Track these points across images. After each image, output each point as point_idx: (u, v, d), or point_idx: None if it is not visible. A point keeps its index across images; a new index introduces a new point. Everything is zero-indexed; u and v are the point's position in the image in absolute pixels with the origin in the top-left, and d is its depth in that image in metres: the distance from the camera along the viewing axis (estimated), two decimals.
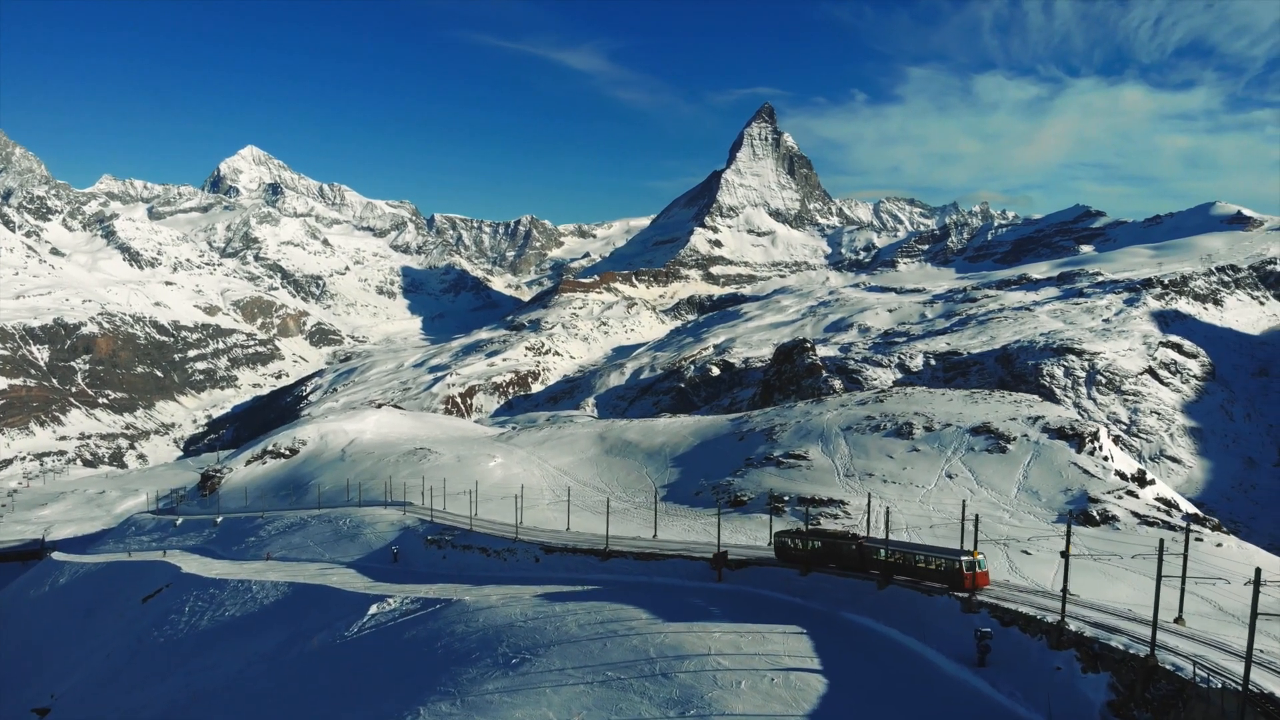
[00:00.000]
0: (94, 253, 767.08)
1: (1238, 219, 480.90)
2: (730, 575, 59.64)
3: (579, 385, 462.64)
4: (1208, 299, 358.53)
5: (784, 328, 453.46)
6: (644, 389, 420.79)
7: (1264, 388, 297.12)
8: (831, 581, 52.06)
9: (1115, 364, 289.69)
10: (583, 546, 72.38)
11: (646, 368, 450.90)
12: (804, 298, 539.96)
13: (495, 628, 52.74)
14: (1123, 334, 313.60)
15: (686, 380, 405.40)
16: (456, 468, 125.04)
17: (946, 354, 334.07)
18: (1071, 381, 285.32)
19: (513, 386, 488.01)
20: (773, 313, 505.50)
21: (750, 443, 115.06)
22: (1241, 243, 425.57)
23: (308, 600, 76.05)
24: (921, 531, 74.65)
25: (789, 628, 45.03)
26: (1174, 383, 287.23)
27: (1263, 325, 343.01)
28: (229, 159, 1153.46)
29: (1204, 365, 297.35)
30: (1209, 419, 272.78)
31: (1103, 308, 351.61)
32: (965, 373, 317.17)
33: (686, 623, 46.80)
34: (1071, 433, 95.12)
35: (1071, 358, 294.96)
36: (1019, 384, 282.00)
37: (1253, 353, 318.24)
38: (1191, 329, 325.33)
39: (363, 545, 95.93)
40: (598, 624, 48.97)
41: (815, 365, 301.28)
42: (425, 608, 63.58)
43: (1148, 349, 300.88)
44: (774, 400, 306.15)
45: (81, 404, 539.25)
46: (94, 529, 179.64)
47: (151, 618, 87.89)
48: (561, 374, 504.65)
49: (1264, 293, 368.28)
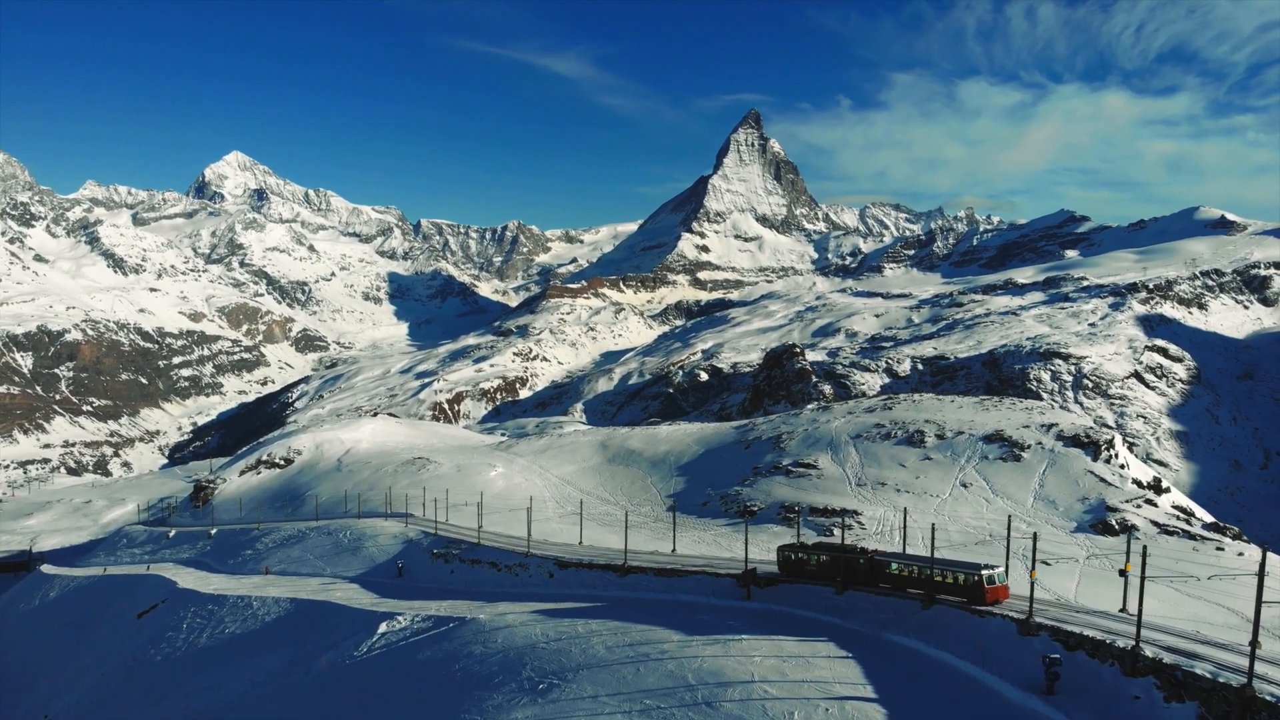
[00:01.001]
0: (78, 259, 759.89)
1: (1221, 223, 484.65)
2: (759, 593, 57.62)
3: (567, 391, 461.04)
4: (1192, 303, 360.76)
5: (771, 333, 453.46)
6: (632, 394, 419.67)
7: (1249, 391, 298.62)
8: (870, 600, 50.12)
9: (1101, 368, 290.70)
10: (599, 562, 70.00)
11: (635, 373, 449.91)
12: (791, 303, 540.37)
13: (516, 649, 50.76)
14: (1108, 338, 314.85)
15: (675, 386, 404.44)
16: (457, 478, 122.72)
17: (933, 359, 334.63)
18: (1058, 386, 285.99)
19: (500, 393, 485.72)
20: (760, 318, 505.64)
21: (757, 451, 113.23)
22: (1225, 247, 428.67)
23: (311, 617, 73.65)
24: (939, 542, 73.36)
25: (834, 650, 43.24)
26: (1160, 386, 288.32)
27: (1247, 329, 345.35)
28: (214, 164, 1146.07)
29: (1189, 369, 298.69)
30: (1195, 422, 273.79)
31: (1088, 312, 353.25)
32: (952, 377, 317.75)
33: (722, 644, 44.95)
34: (1086, 440, 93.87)
35: (1058, 362, 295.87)
36: (1006, 388, 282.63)
37: (1237, 356, 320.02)
38: (1177, 333, 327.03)
39: (365, 559, 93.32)
40: (626, 646, 47.12)
41: (805, 370, 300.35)
42: (438, 626, 61.18)
43: (1133, 353, 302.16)
44: (764, 405, 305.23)
45: (65, 411, 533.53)
46: (81, 539, 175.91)
47: (147, 635, 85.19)
48: (549, 380, 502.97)
49: (1248, 296, 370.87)
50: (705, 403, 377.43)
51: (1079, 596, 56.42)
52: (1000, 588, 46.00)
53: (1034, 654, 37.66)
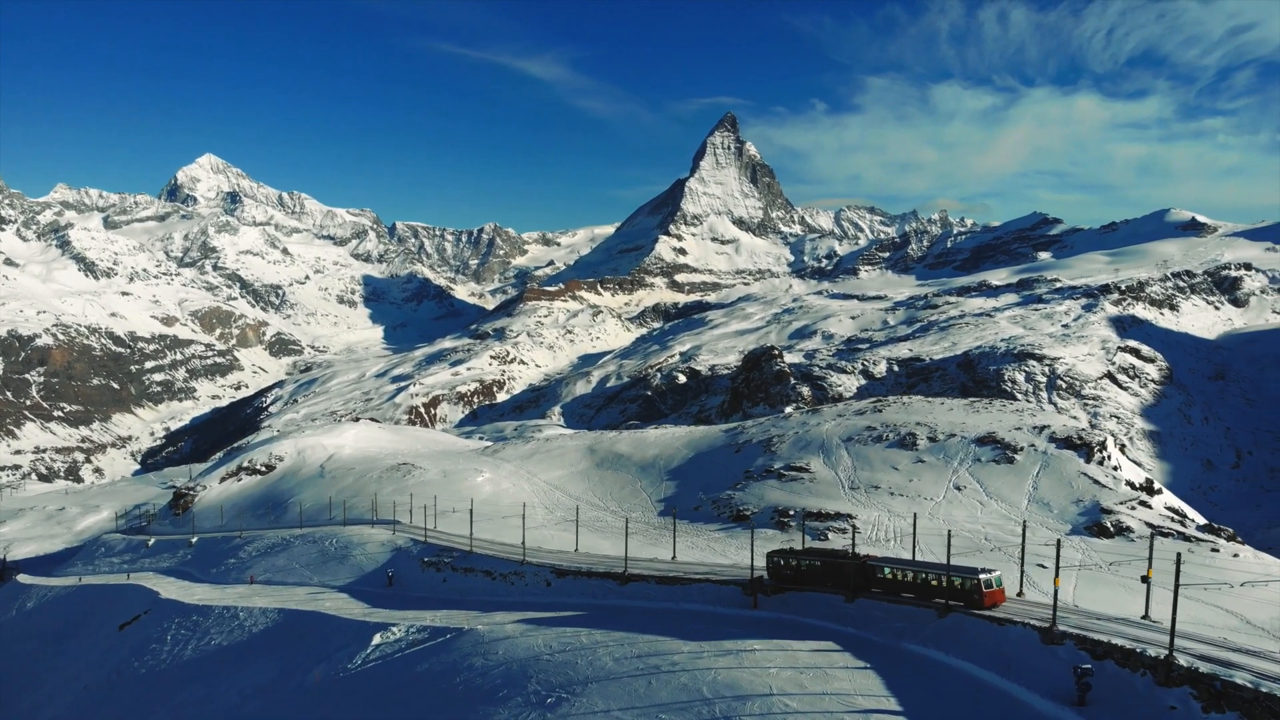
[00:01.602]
0: (49, 263, 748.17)
1: (1192, 225, 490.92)
2: (765, 601, 56.67)
3: (545, 394, 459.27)
4: (1164, 304, 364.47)
5: (749, 335, 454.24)
6: (610, 397, 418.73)
7: (1221, 391, 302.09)
8: (883, 608, 49.25)
9: (1075, 369, 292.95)
10: (598, 570, 68.58)
11: (613, 376, 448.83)
12: (768, 305, 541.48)
13: (519, 661, 49.50)
14: (1082, 339, 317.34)
15: (653, 388, 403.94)
16: (443, 484, 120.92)
17: (909, 360, 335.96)
18: (1033, 386, 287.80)
19: (478, 396, 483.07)
20: (738, 320, 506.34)
21: (748, 454, 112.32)
22: (1196, 249, 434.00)
23: (301, 628, 71.95)
24: (935, 545, 73.07)
25: (850, 660, 42.49)
26: (1133, 387, 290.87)
27: (1218, 329, 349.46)
28: (186, 167, 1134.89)
29: (1162, 369, 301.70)
30: (1167, 422, 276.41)
31: (1062, 313, 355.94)
32: (928, 378, 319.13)
33: (734, 655, 43.77)
34: (1079, 442, 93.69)
35: (1032, 363, 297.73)
36: (981, 389, 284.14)
37: (1209, 357, 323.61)
38: (1149, 334, 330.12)
39: (353, 568, 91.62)
40: (635, 658, 45.83)
41: (784, 372, 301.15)
42: (434, 637, 59.94)
43: (1106, 354, 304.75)
44: (743, 407, 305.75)
45: (36, 417, 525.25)
46: (56, 547, 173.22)
47: (130, 647, 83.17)
48: (527, 383, 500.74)
49: (1219, 298, 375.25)
50: (684, 405, 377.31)
51: (1077, 599, 56.24)
52: (998, 591, 45.83)
53: (1059, 663, 37.14)
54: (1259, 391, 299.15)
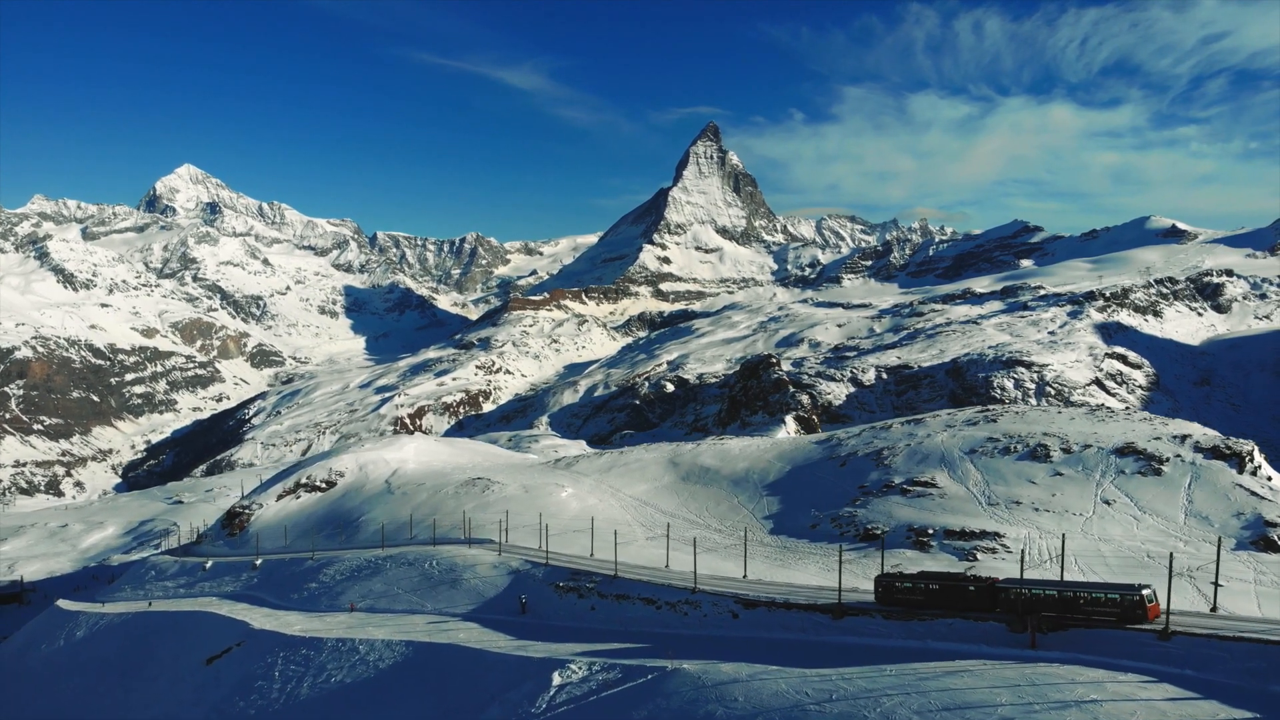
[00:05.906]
0: (27, 275, 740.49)
1: (1172, 232, 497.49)
2: (1043, 638, 49.91)
3: (532, 404, 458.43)
4: (1148, 311, 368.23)
5: (736, 344, 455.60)
6: (598, 406, 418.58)
7: (1206, 396, 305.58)
8: (1228, 648, 43.51)
9: (1063, 375, 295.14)
10: (797, 600, 61.32)
11: (600, 385, 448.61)
12: (754, 314, 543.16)
13: (773, 710, 42.53)
14: (1069, 346, 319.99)
15: (641, 397, 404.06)
16: (526, 499, 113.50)
17: (898, 368, 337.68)
18: (1022, 393, 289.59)
19: (464, 406, 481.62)
20: (724, 329, 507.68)
21: (856, 468, 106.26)
22: (1177, 255, 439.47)
23: (440, 663, 64.58)
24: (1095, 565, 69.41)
25: (1223, 710, 37.75)
26: (1120, 393, 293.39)
27: (1201, 335, 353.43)
28: (165, 178, 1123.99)
29: (1148, 375, 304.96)
30: None
31: (1047, 320, 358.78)
32: (916, 386, 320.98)
33: (1080, 709, 37.49)
34: (1227, 451, 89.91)
35: (1020, 370, 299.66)
36: (970, 396, 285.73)
37: (1194, 362, 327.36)
38: (1134, 340, 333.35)
39: (470, 593, 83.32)
40: (942, 710, 39.31)
41: (782, 380, 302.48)
42: (631, 677, 52.36)
43: (1093, 360, 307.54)
44: (741, 416, 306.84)
45: (16, 431, 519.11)
46: (65, 566, 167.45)
47: (229, 684, 74.65)
48: (513, 393, 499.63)
49: (1201, 304, 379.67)
50: (673, 414, 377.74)
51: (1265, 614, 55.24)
52: (1154, 606, 47.03)
53: None
54: (1244, 397, 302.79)
